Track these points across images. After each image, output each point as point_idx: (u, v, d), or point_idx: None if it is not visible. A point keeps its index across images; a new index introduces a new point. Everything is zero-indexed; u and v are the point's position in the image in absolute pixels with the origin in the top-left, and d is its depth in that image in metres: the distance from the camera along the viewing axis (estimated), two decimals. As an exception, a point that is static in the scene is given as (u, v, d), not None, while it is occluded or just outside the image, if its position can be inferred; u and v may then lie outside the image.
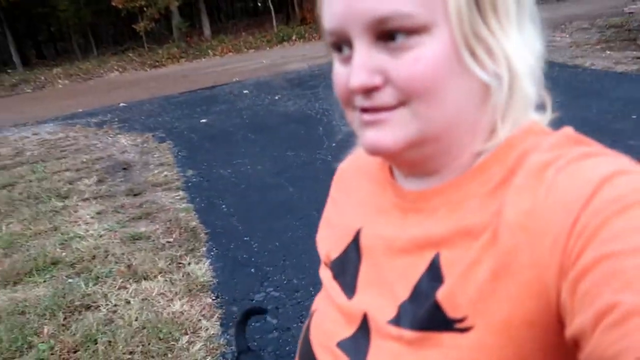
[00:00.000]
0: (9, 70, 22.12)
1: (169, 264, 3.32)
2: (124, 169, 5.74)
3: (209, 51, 19.83)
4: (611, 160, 0.46)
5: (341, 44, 0.52)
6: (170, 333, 2.59)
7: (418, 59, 0.48)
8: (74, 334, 2.66)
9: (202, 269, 3.22)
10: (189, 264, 3.31)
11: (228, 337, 2.55)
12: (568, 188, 0.45)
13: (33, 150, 7.13)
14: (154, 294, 2.97)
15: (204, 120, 7.82)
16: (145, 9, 20.74)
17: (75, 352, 2.55)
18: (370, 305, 0.58)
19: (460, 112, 0.52)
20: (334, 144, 5.40)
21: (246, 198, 4.49)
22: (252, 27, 25.19)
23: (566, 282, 0.41)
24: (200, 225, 3.94)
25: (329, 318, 0.64)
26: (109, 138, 7.42)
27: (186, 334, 2.59)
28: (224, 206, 4.34)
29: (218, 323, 2.68)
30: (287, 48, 18.17)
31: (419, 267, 0.54)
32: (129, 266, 3.35)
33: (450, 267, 0.51)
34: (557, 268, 0.43)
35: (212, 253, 3.48)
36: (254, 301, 2.86)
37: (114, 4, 20.59)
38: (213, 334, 2.59)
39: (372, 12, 0.48)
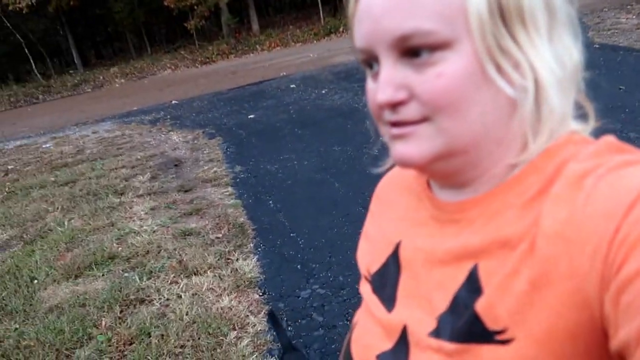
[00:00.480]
0: (71, 71, 23.31)
1: (218, 260, 3.40)
2: (176, 165, 5.93)
3: (257, 46, 20.09)
4: None
5: (371, 61, 0.54)
6: (219, 328, 2.65)
7: (440, 75, 0.49)
8: (130, 327, 2.78)
9: (249, 265, 3.28)
10: (237, 259, 3.38)
11: (274, 333, 2.58)
12: (608, 196, 0.44)
13: (92, 148, 7.49)
14: (203, 289, 3.06)
15: (251, 116, 7.94)
16: (195, 7, 21.25)
17: (130, 344, 2.66)
18: (409, 318, 0.58)
19: (486, 125, 0.52)
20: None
21: (292, 194, 4.53)
22: (299, 20, 25.30)
23: (608, 294, 0.41)
24: (248, 221, 4.01)
25: (369, 331, 0.64)
26: (162, 135, 7.68)
27: (234, 329, 2.65)
28: (270, 202, 4.40)
29: (265, 319, 2.72)
30: (334, 40, 18.11)
31: (457, 278, 0.54)
32: (180, 261, 3.46)
33: (489, 277, 0.51)
34: (598, 278, 0.42)
35: (259, 249, 3.53)
36: (300, 298, 2.88)
37: (166, 3, 21.23)
38: (260, 330, 2.63)
39: (395, 31, 0.50)
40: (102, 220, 4.51)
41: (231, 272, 3.23)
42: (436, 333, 0.54)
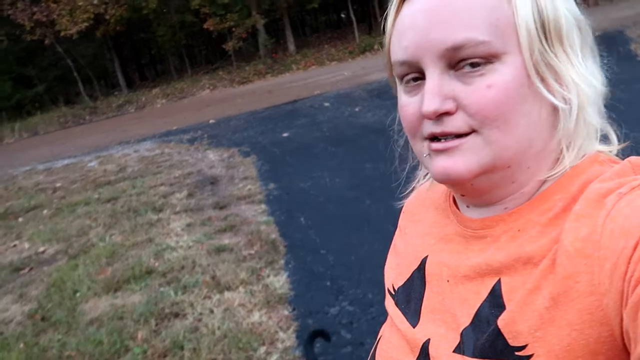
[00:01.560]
0: (116, 93, 24.34)
1: (250, 276, 3.47)
2: (212, 183, 6.09)
3: (293, 65, 20.43)
4: None
5: (410, 74, 0.55)
6: (249, 343, 2.71)
7: (491, 85, 0.50)
8: (164, 340, 2.87)
9: (280, 281, 3.33)
10: (268, 275, 3.44)
11: (303, 350, 2.62)
12: (629, 215, 0.44)
13: (134, 167, 7.80)
14: (235, 305, 3.13)
15: (285, 134, 8.08)
16: (233, 29, 21.88)
17: (164, 357, 2.75)
18: (433, 333, 0.59)
19: (530, 138, 0.54)
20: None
21: (324, 211, 4.58)
22: (334, 39, 25.59)
23: (627, 310, 0.41)
24: (280, 238, 4.07)
25: (393, 345, 0.65)
26: (199, 154, 7.92)
27: (264, 344, 2.70)
28: (302, 219, 4.46)
29: (294, 335, 2.76)
30: (369, 58, 18.23)
31: (480, 293, 0.55)
32: (213, 277, 3.55)
33: (511, 293, 0.52)
34: (617, 295, 0.43)
35: (290, 265, 3.59)
36: (328, 315, 2.91)
37: (206, 26, 21.95)
38: (289, 345, 2.67)
39: (447, 41, 0.51)
40: (140, 236, 4.69)
41: (262, 288, 3.29)
42: (459, 349, 0.55)
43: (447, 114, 0.52)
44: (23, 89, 22.52)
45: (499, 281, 0.54)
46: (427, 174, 0.73)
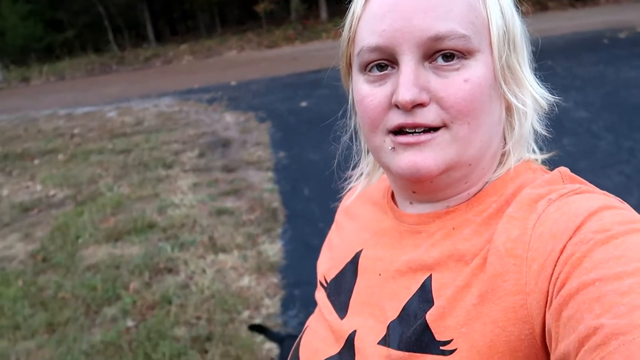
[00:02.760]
0: (144, 45, 24.37)
1: (246, 241, 3.52)
2: (224, 145, 6.13)
3: (323, 34, 20.13)
4: (599, 197, 0.49)
5: (376, 62, 0.54)
6: (234, 305, 2.77)
7: (467, 80, 0.51)
8: (154, 293, 2.96)
9: (274, 249, 3.38)
10: (264, 242, 3.49)
11: (286, 318, 2.67)
12: (557, 220, 0.46)
13: (151, 121, 7.87)
14: (227, 267, 3.19)
15: (304, 104, 8.03)
16: (266, -10, 21.56)
17: (152, 309, 2.83)
18: (360, 325, 0.60)
19: (491, 138, 0.55)
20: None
21: (329, 184, 4.56)
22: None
23: (550, 310, 0.43)
24: (281, 207, 4.10)
25: (318, 336, 0.66)
26: (216, 115, 7.94)
27: (248, 308, 2.76)
28: (306, 190, 4.47)
29: (279, 303, 2.81)
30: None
31: (410, 288, 0.56)
32: (210, 238, 3.61)
33: (440, 289, 0.53)
34: (542, 295, 0.44)
35: (286, 235, 3.62)
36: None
37: (238, -15, 21.64)
38: (273, 312, 2.72)
39: (430, 29, 0.50)
40: (147, 190, 4.77)
41: (256, 253, 3.34)
42: (384, 341, 0.55)
43: (421, 105, 0.51)
44: (53, 33, 22.68)
45: (429, 277, 0.55)
46: (361, 173, 0.74)
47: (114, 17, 23.23)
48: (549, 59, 8.73)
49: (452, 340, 0.50)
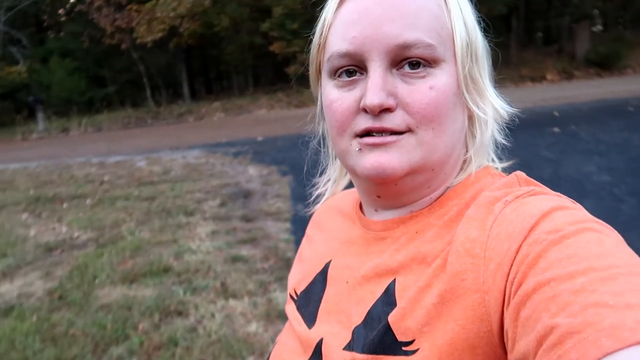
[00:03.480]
0: (179, 102, 25.49)
1: (257, 288, 3.53)
2: (245, 196, 6.25)
3: (350, 96, 20.71)
4: (552, 198, 0.50)
5: (345, 67, 0.56)
6: (240, 351, 2.75)
7: (432, 87, 0.53)
8: (162, 335, 2.96)
9: (284, 297, 3.36)
10: (275, 290, 3.48)
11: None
12: (513, 220, 0.48)
13: (177, 171, 8.12)
14: (236, 313, 3.19)
15: (326, 160, 8.18)
16: (298, 54, 22.55)
17: (159, 349, 2.83)
18: (327, 333, 0.61)
19: (454, 144, 0.58)
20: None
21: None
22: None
23: (508, 310, 0.44)
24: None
25: (287, 348, 0.67)
26: (240, 167, 8.14)
27: (253, 354, 2.73)
28: (321, 242, 4.49)
29: (285, 351, 2.77)
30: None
31: (375, 292, 0.58)
32: (223, 283, 3.63)
33: (403, 291, 0.55)
34: (499, 294, 0.45)
35: (298, 284, 3.62)
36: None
37: (272, 49, 22.75)
38: (278, 360, 2.68)
39: (397, 38, 0.53)
40: (167, 235, 4.86)
41: (266, 301, 3.33)
42: (349, 346, 0.57)
43: (388, 110, 0.53)
44: (96, 88, 24.03)
45: (393, 280, 0.56)
46: (328, 179, 0.77)
47: (153, 76, 24.55)
48: (573, 125, 8.76)
49: (414, 340, 0.51)
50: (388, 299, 0.55)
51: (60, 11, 25.32)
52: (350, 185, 0.73)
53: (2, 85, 23.19)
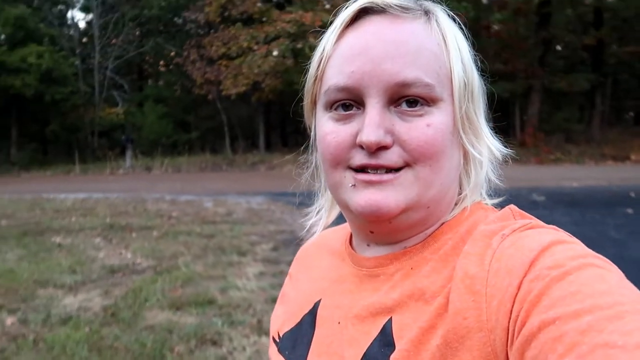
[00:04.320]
0: (254, 152, 26.78)
1: (291, 329, 3.63)
2: (297, 244, 6.40)
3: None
4: (550, 232, 0.50)
5: (344, 101, 0.55)
6: (262, 385, 2.85)
7: (430, 125, 0.53)
8: (194, 360, 3.14)
9: (314, 341, 3.44)
10: (307, 334, 3.57)
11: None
12: (512, 255, 0.47)
13: (239, 214, 8.54)
14: (266, 349, 3.30)
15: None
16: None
17: (188, 373, 3.00)
18: None
19: (450, 182, 0.57)
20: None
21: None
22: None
23: (512, 350, 0.43)
24: (333, 305, 4.19)
25: None
26: (299, 217, 8.39)
27: (274, 390, 2.81)
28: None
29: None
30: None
31: (370, 333, 0.55)
32: (259, 321, 3.78)
33: (401, 331, 0.52)
34: (503, 332, 0.44)
35: (330, 331, 3.68)
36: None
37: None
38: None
39: (396, 76, 0.52)
40: (218, 271, 5.13)
41: (296, 342, 3.43)
42: None
43: (385, 147, 0.52)
44: (181, 132, 25.95)
45: (390, 320, 0.54)
46: (319, 209, 0.73)
47: (233, 125, 26.16)
48: (629, 207, 8.26)
49: None
50: (385, 340, 0.53)
51: (161, 62, 28.01)
52: (340, 218, 0.70)
53: (102, 124, 25.70)
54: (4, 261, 5.61)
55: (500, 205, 0.60)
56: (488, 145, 0.59)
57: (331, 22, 0.59)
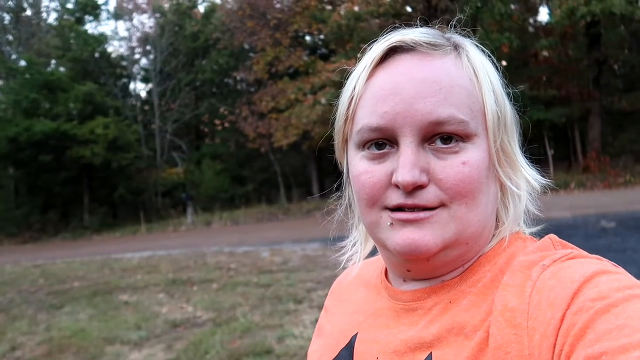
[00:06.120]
0: (309, 199, 27.08)
1: (348, 376, 3.56)
2: (354, 288, 6.37)
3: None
4: (593, 262, 0.49)
5: (375, 140, 0.55)
6: None
7: (466, 163, 0.52)
8: (252, 411, 3.13)
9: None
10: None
11: None
12: (553, 287, 0.46)
13: (295, 262, 8.59)
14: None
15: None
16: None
17: None
18: None
19: (487, 217, 0.56)
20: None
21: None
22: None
23: None
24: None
25: None
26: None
27: None
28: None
29: None
30: (559, 196, 17.07)
31: None
32: (316, 369, 3.74)
33: None
34: None
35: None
36: None
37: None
38: None
39: (432, 114, 0.52)
40: (275, 320, 5.15)
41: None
42: None
43: (421, 187, 0.52)
44: (237, 186, 26.79)
45: (430, 355, 0.53)
46: (354, 243, 0.73)
47: (287, 175, 26.74)
48: None
49: None
50: None
51: (216, 122, 29.41)
52: (376, 249, 0.69)
53: (164, 185, 27.04)
54: (77, 321, 5.91)
55: (539, 235, 0.59)
56: (526, 178, 0.58)
57: (360, 60, 0.59)
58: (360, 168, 0.56)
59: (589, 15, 16.21)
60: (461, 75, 0.54)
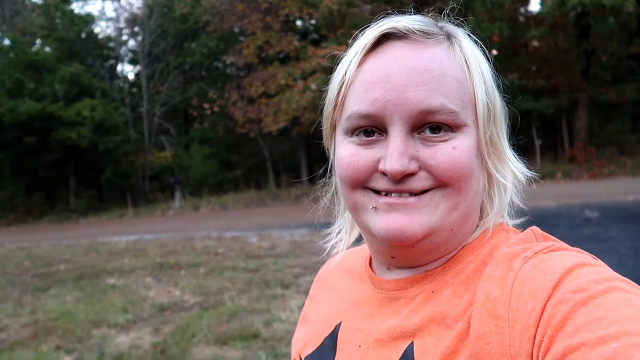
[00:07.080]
0: (297, 185, 27.09)
1: None
2: (340, 273, 6.43)
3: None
4: (573, 254, 0.49)
5: (367, 128, 0.54)
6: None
7: (456, 147, 0.52)
8: (239, 393, 3.17)
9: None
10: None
11: None
12: (534, 278, 0.47)
13: (283, 247, 8.62)
14: (309, 381, 3.30)
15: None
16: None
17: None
18: None
19: (475, 205, 0.57)
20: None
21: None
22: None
23: None
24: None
25: None
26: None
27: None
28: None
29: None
30: (545, 185, 17.29)
31: (392, 358, 0.55)
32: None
33: (423, 356, 0.52)
34: (527, 358, 0.43)
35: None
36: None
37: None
38: None
39: (420, 103, 0.52)
40: (262, 305, 5.19)
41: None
42: None
43: (410, 174, 0.52)
44: (226, 171, 26.69)
45: (411, 344, 0.54)
46: (339, 230, 0.73)
47: (276, 161, 26.68)
48: None
49: None
50: None
51: (205, 105, 29.18)
52: (361, 238, 0.69)
53: (152, 169, 26.83)
54: (63, 303, 5.89)
55: (523, 227, 0.59)
56: (512, 170, 0.58)
57: (351, 46, 0.58)
58: (345, 151, 0.56)
59: (579, 6, 16.28)
60: (453, 65, 0.54)
